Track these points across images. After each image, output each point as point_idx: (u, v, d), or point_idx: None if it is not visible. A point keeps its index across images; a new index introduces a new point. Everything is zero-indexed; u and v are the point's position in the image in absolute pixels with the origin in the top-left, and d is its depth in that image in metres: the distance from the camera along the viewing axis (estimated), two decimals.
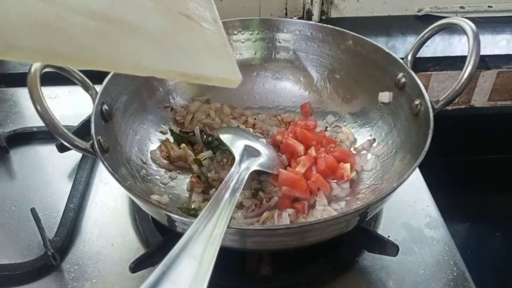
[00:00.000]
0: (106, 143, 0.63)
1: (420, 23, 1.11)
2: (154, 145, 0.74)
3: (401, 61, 0.72)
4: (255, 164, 0.64)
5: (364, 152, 0.75)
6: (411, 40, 1.00)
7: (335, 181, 0.70)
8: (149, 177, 0.69)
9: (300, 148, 0.71)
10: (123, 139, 0.69)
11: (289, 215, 0.63)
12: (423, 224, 0.69)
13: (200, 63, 0.40)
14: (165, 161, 0.73)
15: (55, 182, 0.76)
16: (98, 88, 0.66)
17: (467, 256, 0.66)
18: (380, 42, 0.95)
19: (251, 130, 0.78)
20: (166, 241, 0.60)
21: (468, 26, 0.64)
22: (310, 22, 0.84)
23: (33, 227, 0.65)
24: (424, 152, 0.57)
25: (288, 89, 0.85)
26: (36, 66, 0.58)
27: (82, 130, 0.75)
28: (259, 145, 0.71)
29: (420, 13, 1.12)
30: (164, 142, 0.75)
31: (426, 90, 0.66)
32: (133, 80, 0.74)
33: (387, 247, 0.60)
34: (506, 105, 1.10)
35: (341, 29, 0.79)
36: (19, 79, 0.91)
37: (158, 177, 0.71)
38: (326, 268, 0.62)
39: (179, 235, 0.44)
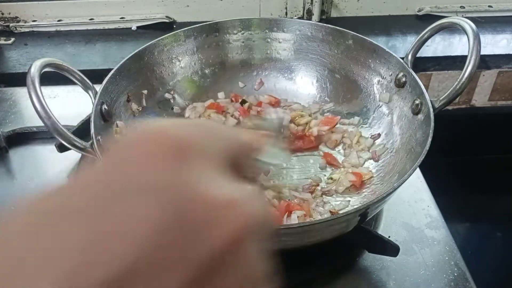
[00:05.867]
0: (105, 143, 0.62)
1: (420, 22, 1.11)
2: None
3: (401, 60, 0.72)
4: None
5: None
6: (411, 40, 0.99)
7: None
8: None
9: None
10: None
11: (298, 217, 0.62)
12: (423, 224, 0.69)
13: None
14: None
15: (54, 182, 0.76)
16: (98, 87, 0.66)
17: (467, 256, 0.65)
18: (380, 41, 0.95)
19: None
20: None
21: (468, 25, 0.63)
22: (310, 21, 0.84)
23: None
24: (425, 152, 0.56)
25: (288, 88, 0.84)
26: (35, 65, 0.58)
27: (82, 130, 0.75)
28: None
29: (421, 13, 1.12)
30: None
31: (427, 90, 0.66)
32: (133, 80, 0.74)
33: (388, 248, 0.60)
34: (506, 105, 1.10)
35: (341, 28, 0.79)
36: (19, 79, 0.90)
37: None
38: (326, 268, 0.62)
39: None
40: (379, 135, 0.75)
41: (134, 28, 1.09)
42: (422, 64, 1.01)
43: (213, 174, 0.20)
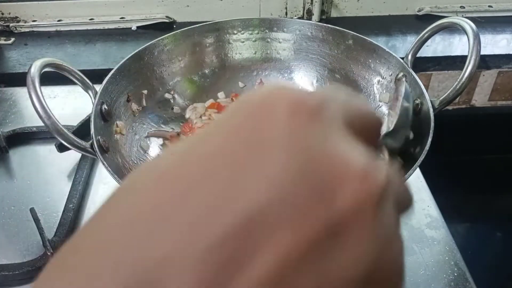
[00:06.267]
0: (105, 143, 0.62)
1: (420, 22, 1.11)
2: (153, 144, 0.74)
3: (401, 60, 0.72)
4: None
5: None
6: (411, 40, 1.00)
7: None
8: None
9: None
10: (123, 139, 0.69)
11: None
12: (423, 224, 0.69)
13: None
14: None
15: (54, 182, 0.76)
16: (98, 87, 0.66)
17: (467, 256, 0.65)
18: (380, 41, 0.95)
19: None
20: None
21: (468, 25, 0.63)
22: (310, 21, 0.84)
23: (33, 227, 0.64)
24: (425, 152, 0.56)
25: None
26: (35, 65, 0.58)
27: (82, 130, 0.75)
28: None
29: (421, 13, 1.12)
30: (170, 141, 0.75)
31: (427, 90, 0.66)
32: (133, 80, 0.74)
33: None
34: (506, 105, 1.10)
35: (341, 28, 0.79)
36: (19, 79, 0.90)
37: None
38: None
39: None
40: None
41: (134, 28, 1.09)
42: (422, 64, 1.01)
43: (341, 137, 0.19)
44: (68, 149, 0.58)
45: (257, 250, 0.16)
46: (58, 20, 1.09)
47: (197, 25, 0.82)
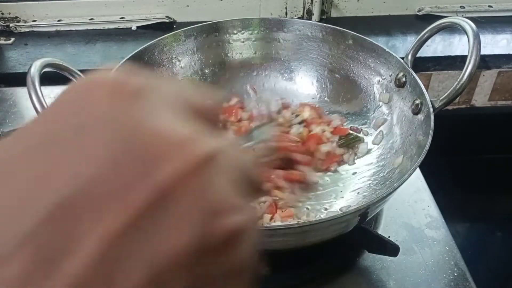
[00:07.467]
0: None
1: (420, 22, 1.11)
2: None
3: (401, 60, 0.72)
4: None
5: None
6: (411, 40, 0.99)
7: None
8: None
9: None
10: None
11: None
12: (423, 224, 0.69)
13: None
14: None
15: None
16: None
17: (467, 256, 0.66)
18: (380, 41, 0.95)
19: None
20: None
21: (468, 25, 0.63)
22: (310, 21, 0.84)
23: None
24: (425, 152, 0.56)
25: (288, 88, 0.84)
26: (35, 65, 0.58)
27: None
28: None
29: (420, 13, 1.12)
30: None
31: (427, 90, 0.66)
32: None
33: (388, 248, 0.60)
34: (506, 105, 1.10)
35: (341, 28, 0.79)
36: (19, 79, 0.90)
37: None
38: (326, 268, 0.62)
39: None
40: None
41: (134, 28, 1.09)
42: (422, 64, 1.01)
43: (170, 113, 0.19)
44: None
45: (83, 231, 0.16)
46: (58, 20, 1.09)
47: (197, 25, 0.82)
